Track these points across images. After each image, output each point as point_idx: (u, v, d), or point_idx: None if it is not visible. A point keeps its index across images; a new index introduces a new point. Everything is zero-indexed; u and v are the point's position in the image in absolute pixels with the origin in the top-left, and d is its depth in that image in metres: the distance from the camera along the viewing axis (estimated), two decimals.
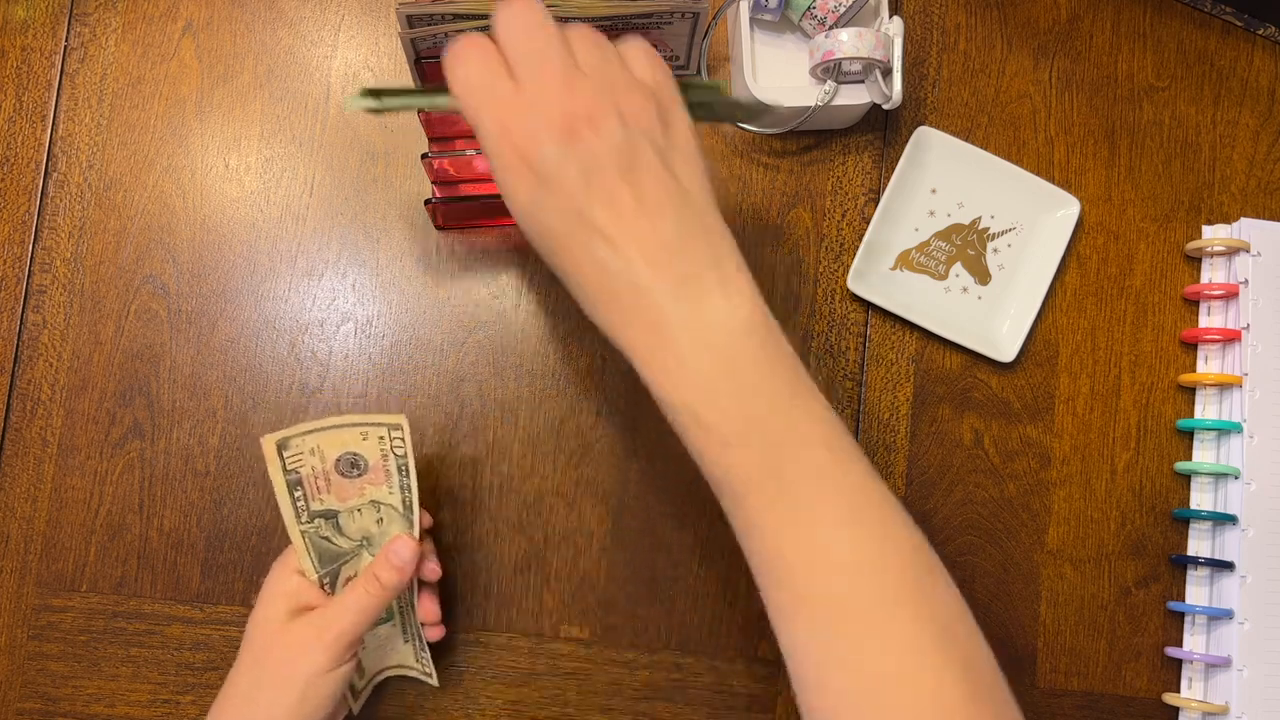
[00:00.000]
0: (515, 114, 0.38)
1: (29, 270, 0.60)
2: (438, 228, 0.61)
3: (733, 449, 0.38)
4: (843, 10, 0.58)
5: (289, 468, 0.49)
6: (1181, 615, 0.60)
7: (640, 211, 0.38)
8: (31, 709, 0.58)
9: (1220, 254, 0.62)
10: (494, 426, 0.60)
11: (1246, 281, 0.60)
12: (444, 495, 0.59)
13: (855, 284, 0.60)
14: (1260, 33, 0.65)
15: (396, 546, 0.51)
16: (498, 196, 0.60)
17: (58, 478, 0.59)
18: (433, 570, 0.54)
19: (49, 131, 0.61)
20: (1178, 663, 0.60)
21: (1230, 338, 0.61)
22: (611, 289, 0.39)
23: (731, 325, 0.39)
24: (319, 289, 0.60)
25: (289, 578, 0.51)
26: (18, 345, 0.60)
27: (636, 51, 0.42)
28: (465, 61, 0.40)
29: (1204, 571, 0.60)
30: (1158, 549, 0.61)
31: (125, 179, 0.61)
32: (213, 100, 0.61)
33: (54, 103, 0.61)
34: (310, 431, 0.49)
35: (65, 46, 0.61)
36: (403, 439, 0.50)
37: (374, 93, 0.48)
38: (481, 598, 0.59)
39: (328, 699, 0.49)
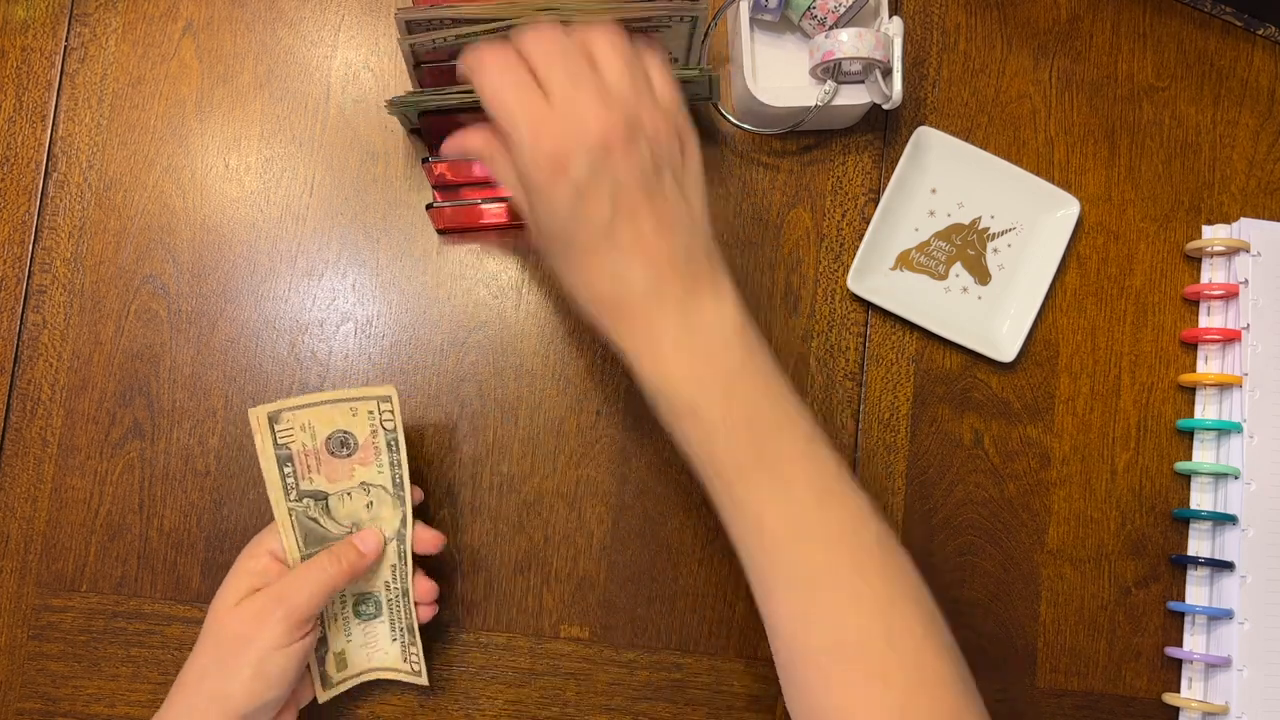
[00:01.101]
0: (550, 125, 0.41)
1: (29, 270, 0.60)
2: (439, 232, 0.61)
3: (722, 435, 0.43)
4: (843, 10, 0.58)
5: (280, 442, 0.49)
6: (1181, 615, 0.60)
7: (658, 232, 0.42)
8: (31, 709, 0.58)
9: (1220, 254, 0.62)
10: (494, 426, 0.60)
11: (1246, 281, 0.60)
12: (444, 495, 0.59)
13: (855, 284, 0.60)
14: (1260, 33, 0.65)
15: (364, 534, 0.52)
16: (498, 200, 0.60)
17: (58, 478, 0.59)
18: (433, 539, 0.53)
19: (49, 131, 0.61)
20: (1178, 663, 0.60)
21: (1230, 338, 0.60)
22: (621, 298, 0.43)
23: (724, 332, 0.44)
24: (319, 289, 0.60)
25: (259, 557, 0.51)
26: (18, 345, 0.60)
27: (656, 69, 0.45)
28: (493, 71, 0.42)
29: (1204, 571, 0.60)
30: (1158, 549, 0.61)
31: (125, 179, 0.61)
32: (213, 100, 0.61)
33: (54, 103, 0.61)
34: (302, 406, 0.49)
35: (65, 46, 0.61)
36: (392, 412, 0.50)
37: (400, 104, 0.48)
38: (481, 598, 0.59)
39: (283, 676, 0.49)
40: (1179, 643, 0.60)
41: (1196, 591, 0.60)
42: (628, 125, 0.41)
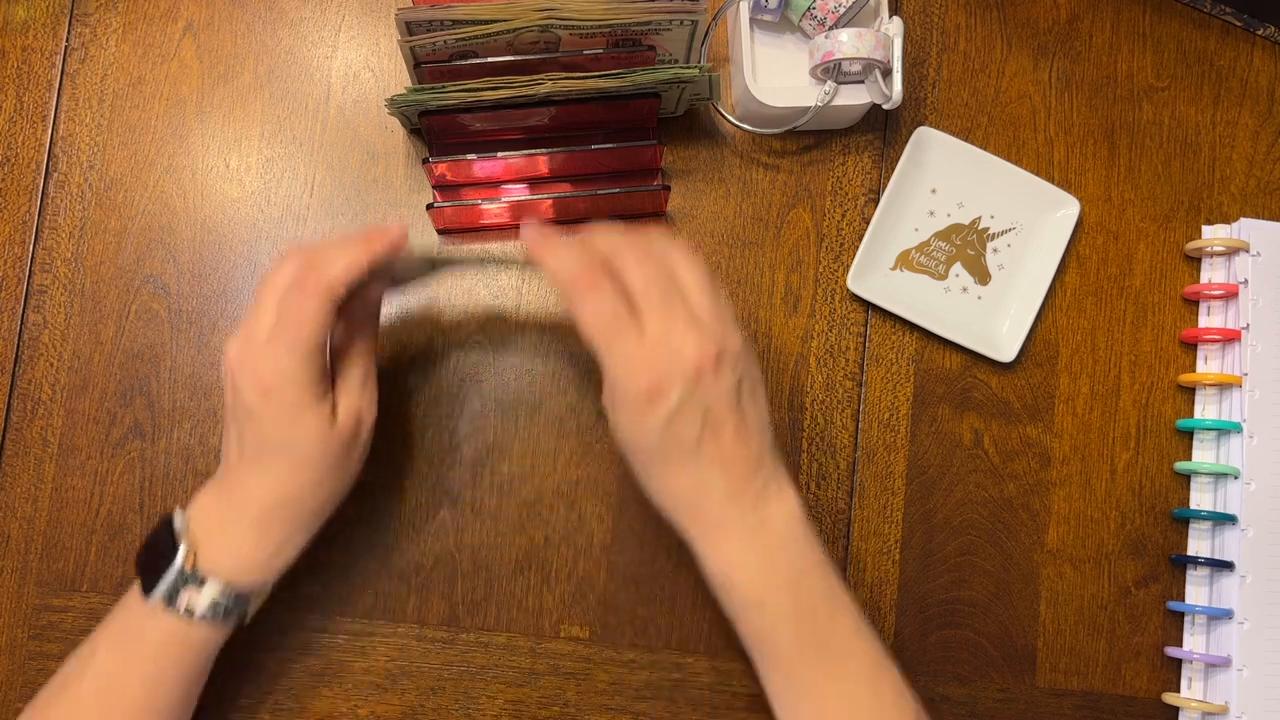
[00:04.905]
0: (646, 354, 0.44)
1: (29, 270, 0.60)
2: (439, 232, 0.61)
3: (786, 626, 0.47)
4: (843, 10, 0.58)
5: None
6: (1181, 615, 0.60)
7: (736, 441, 0.46)
8: None
9: (1220, 254, 0.62)
10: (494, 426, 0.60)
11: (1246, 281, 0.60)
12: (444, 495, 0.59)
13: (855, 284, 0.60)
14: (1260, 33, 0.65)
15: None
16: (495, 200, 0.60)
17: (58, 478, 0.59)
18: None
19: (49, 132, 0.61)
20: (1177, 662, 0.60)
21: (1230, 338, 0.61)
22: (700, 502, 0.47)
23: (790, 529, 0.47)
24: None
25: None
26: (18, 345, 0.60)
27: (719, 291, 0.48)
28: (592, 297, 0.45)
29: (1204, 571, 0.60)
30: (1158, 549, 0.61)
31: (126, 179, 0.61)
32: (213, 100, 0.61)
33: (54, 103, 0.61)
34: None
35: (66, 47, 0.61)
36: None
37: (400, 104, 0.47)
38: (482, 598, 0.59)
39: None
40: (1179, 642, 0.60)
41: (1196, 591, 0.60)
42: (717, 353, 0.45)
